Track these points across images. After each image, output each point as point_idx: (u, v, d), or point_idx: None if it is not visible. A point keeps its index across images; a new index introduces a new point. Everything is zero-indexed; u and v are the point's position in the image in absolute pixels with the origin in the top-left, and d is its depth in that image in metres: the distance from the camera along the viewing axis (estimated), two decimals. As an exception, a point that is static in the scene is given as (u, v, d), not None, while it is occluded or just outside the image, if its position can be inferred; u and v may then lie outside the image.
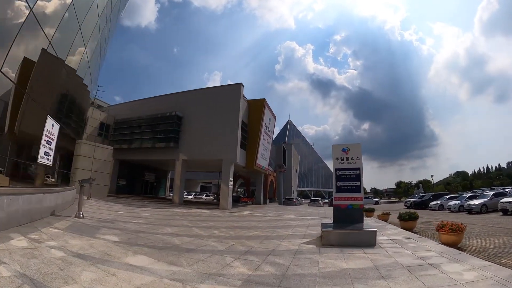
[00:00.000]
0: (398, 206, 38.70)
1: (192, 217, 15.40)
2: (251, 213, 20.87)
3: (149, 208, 19.72)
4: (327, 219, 17.62)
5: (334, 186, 11.05)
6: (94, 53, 16.20)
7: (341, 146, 11.56)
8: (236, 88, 28.76)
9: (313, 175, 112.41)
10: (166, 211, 18.09)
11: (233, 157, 26.52)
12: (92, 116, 33.94)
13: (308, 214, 22.74)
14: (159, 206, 22.30)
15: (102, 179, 26.40)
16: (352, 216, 10.41)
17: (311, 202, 43.57)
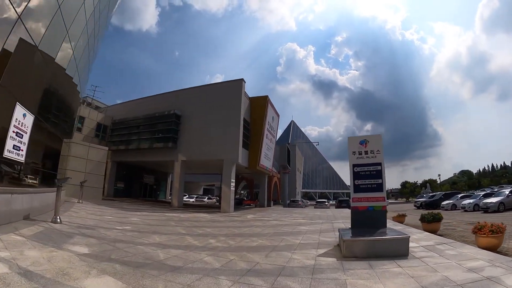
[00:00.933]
0: (407, 206, 37.24)
1: (189, 223, 13.77)
2: (255, 217, 19.24)
3: (144, 212, 18.14)
4: (338, 222, 16.05)
5: (351, 185, 9.60)
6: (83, 52, 16.04)
7: (358, 138, 10.04)
8: (237, 84, 27.18)
9: (317, 176, 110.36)
10: (162, 216, 16.50)
11: (235, 157, 24.93)
12: (89, 117, 32.92)
13: (317, 217, 21.07)
14: (155, 210, 20.72)
15: (97, 181, 25.07)
16: (373, 220, 9.07)
17: (317, 204, 41.77)
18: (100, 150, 26.74)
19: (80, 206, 17.13)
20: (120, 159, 33.40)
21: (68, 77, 15.35)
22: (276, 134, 38.13)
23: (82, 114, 31.86)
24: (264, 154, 31.63)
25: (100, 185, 25.82)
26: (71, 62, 13.95)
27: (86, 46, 16.46)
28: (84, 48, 16.12)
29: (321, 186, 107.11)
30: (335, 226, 13.75)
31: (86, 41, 15.95)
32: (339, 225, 14.31)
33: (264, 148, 31.05)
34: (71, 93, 17.83)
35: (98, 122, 34.13)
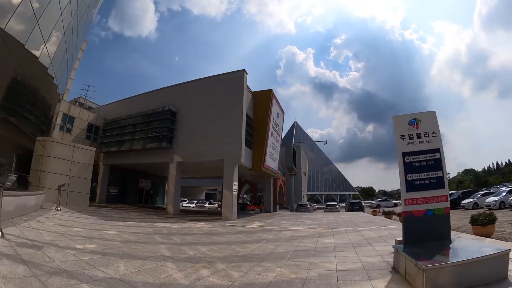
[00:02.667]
0: None
1: (179, 237, 10.75)
2: (262, 226, 16.24)
3: (130, 222, 15.12)
4: (365, 230, 13.28)
5: (402, 181, 7.12)
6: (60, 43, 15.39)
7: (406, 118, 7.55)
8: (239, 76, 24.25)
9: (321, 178, 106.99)
10: (149, 227, 13.50)
11: (237, 156, 21.95)
12: (79, 117, 30.29)
13: (334, 223, 18.11)
14: (145, 219, 17.73)
15: (83, 185, 22.45)
16: (433, 228, 6.71)
17: (327, 208, 38.62)
18: (87, 151, 23.95)
19: (55, 214, 14.28)
20: (113, 162, 30.69)
21: (43, 68, 14.24)
22: (281, 132, 35.17)
23: (72, 114, 29.51)
24: (269, 154, 28.66)
25: (86, 190, 23.02)
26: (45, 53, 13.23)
27: (63, 39, 15.68)
28: (61, 41, 15.41)
29: (326, 188, 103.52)
30: (365, 236, 11.14)
31: (63, 34, 15.21)
32: (369, 235, 11.81)
33: (269, 147, 28.09)
34: (46, 86, 16.71)
35: (90, 123, 31.50)
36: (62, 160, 21.40)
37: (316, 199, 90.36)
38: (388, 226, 15.54)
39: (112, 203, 30.21)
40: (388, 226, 15.54)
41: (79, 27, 19.65)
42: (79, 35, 21.29)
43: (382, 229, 13.90)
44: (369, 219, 20.90)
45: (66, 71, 21.93)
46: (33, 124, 17.06)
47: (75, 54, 23.94)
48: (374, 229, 14.27)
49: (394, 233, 12.28)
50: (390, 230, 13.20)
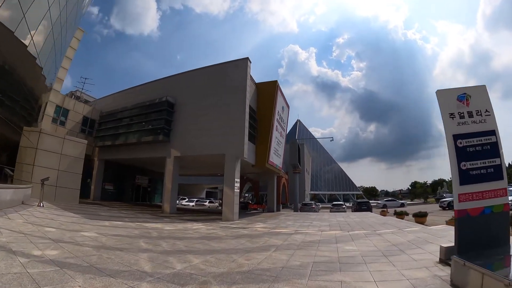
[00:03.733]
0: (431, 207, 32.89)
1: (169, 243, 8.89)
2: (267, 228, 14.39)
3: (117, 221, 13.30)
4: (386, 233, 11.49)
5: (454, 171, 5.91)
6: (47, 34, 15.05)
7: (453, 92, 6.27)
8: (242, 64, 22.34)
9: (324, 177, 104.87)
10: (137, 228, 11.68)
11: (239, 151, 20.07)
12: (74, 110, 28.69)
13: (346, 225, 16.27)
14: (137, 218, 15.93)
15: (72, 180, 20.88)
16: (492, 231, 5.64)
17: (333, 207, 36.69)
18: (78, 143, 22.45)
19: (34, 211, 12.63)
20: (108, 157, 29.05)
21: (31, 58, 13.81)
22: (286, 128, 33.31)
23: (66, 107, 27.89)
24: (274, 150, 26.81)
25: (77, 186, 21.39)
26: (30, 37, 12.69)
27: (51, 27, 15.05)
28: (49, 32, 15.06)
29: (329, 187, 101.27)
30: (392, 241, 9.55)
31: (51, 22, 14.65)
32: (394, 239, 10.15)
33: (273, 142, 26.24)
34: (31, 72, 15.85)
35: (85, 116, 29.92)
36: (50, 153, 19.91)
37: (319, 199, 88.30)
38: (410, 228, 13.72)
39: (107, 200, 28.63)
40: (410, 228, 13.72)
41: (70, 14, 18.48)
42: (70, 22, 19.99)
43: (405, 232, 12.09)
44: (383, 220, 19.07)
45: (54, 57, 20.36)
46: (16, 113, 15.70)
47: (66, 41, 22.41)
48: (396, 231, 12.46)
49: (421, 236, 10.55)
50: (415, 233, 11.37)
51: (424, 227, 13.94)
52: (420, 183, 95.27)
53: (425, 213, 17.86)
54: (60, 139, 21.03)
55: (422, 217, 17.40)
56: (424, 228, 13.42)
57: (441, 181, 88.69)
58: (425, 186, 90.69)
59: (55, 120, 26.48)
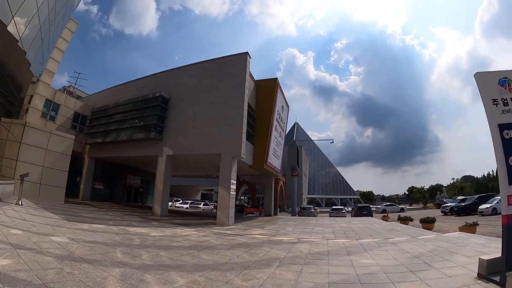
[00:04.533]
0: (432, 212, 31.36)
1: (152, 254, 7.48)
2: (266, 235, 13.02)
3: (99, 224, 11.85)
4: (400, 241, 10.12)
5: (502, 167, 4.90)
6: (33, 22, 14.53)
7: (494, 75, 5.31)
8: (241, 59, 21.03)
9: (321, 181, 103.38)
10: (119, 233, 10.29)
11: (237, 150, 18.71)
12: (65, 105, 27.24)
13: (350, 231, 14.99)
14: (123, 221, 14.54)
15: (58, 178, 19.49)
16: None
17: (333, 212, 35.24)
18: (65, 139, 20.99)
19: (8, 209, 11.32)
20: (99, 154, 27.67)
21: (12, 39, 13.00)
22: (285, 128, 32.01)
23: (57, 101, 26.45)
24: (273, 151, 25.49)
25: (62, 184, 19.94)
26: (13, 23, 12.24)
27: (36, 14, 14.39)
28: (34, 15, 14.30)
29: (326, 191, 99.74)
30: (411, 252, 8.48)
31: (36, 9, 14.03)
32: (412, 249, 9.14)
33: (272, 142, 24.93)
34: (14, 58, 15.20)
35: (76, 112, 28.55)
36: (35, 148, 18.53)
37: (316, 203, 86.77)
38: (423, 235, 12.51)
39: (97, 201, 27.18)
40: (423, 235, 12.51)
41: (58, 3, 17.79)
42: (59, 10, 19.17)
43: (420, 240, 10.90)
44: (388, 227, 17.86)
45: (41, 44, 19.08)
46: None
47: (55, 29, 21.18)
48: (410, 240, 11.21)
49: (441, 246, 9.41)
50: (433, 242, 10.16)
51: (439, 235, 12.70)
52: (417, 188, 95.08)
53: (433, 219, 16.81)
54: (46, 133, 19.64)
55: (430, 223, 16.37)
56: (439, 236, 12.18)
57: (439, 186, 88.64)
58: (422, 191, 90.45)
59: (45, 115, 25.18)
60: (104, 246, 7.79)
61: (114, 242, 8.54)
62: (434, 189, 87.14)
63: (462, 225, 13.83)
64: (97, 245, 7.77)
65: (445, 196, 66.03)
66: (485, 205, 23.93)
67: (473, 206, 25.60)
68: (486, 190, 65.25)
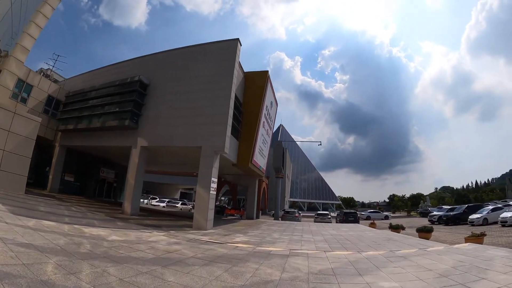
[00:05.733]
0: (417, 221, 30.79)
1: (95, 269, 5.39)
2: (251, 244, 11.02)
3: (49, 221, 9.51)
4: (409, 254, 8.47)
5: None
6: None
7: None
8: (231, 46, 19.00)
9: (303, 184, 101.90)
10: (69, 233, 8.14)
11: (220, 144, 16.58)
12: (39, 87, 24.52)
13: (344, 240, 13.24)
14: (83, 218, 12.28)
15: (19, 165, 17.25)
16: None
17: (318, 217, 33.47)
18: (30, 121, 18.64)
19: None
20: (71, 143, 25.22)
21: None
22: (273, 126, 30.14)
23: (30, 82, 23.75)
24: (259, 149, 23.58)
25: (24, 172, 17.67)
26: None
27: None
28: None
29: (308, 195, 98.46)
30: (430, 268, 6.85)
31: None
32: (430, 264, 7.63)
33: (259, 140, 23.03)
34: None
35: (50, 95, 25.87)
36: None
37: (299, 207, 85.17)
38: (432, 247, 10.95)
39: (66, 194, 24.74)
40: (432, 247, 10.95)
41: None
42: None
43: (432, 253, 9.39)
44: (383, 235, 16.44)
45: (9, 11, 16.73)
46: None
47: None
48: (421, 253, 9.67)
49: (462, 260, 8.01)
50: (449, 255, 8.69)
51: (448, 246, 11.16)
52: (399, 196, 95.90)
53: (431, 228, 15.70)
54: (9, 113, 17.24)
55: (427, 233, 15.25)
56: (450, 248, 10.62)
57: (419, 195, 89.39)
58: (403, 200, 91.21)
59: (15, 96, 22.51)
60: (38, 253, 5.69)
61: (55, 247, 6.42)
62: (415, 198, 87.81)
63: (458, 235, 13.57)
64: (29, 250, 5.69)
65: (428, 205, 65.77)
66: (476, 215, 23.42)
67: (463, 216, 25.22)
68: (468, 201, 65.69)
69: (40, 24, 22.77)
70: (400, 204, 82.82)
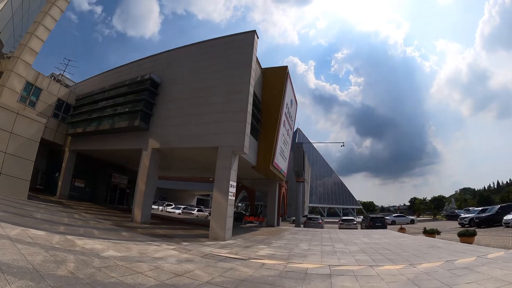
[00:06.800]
0: (445, 224, 29.38)
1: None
2: (278, 258, 9.19)
3: (40, 231, 7.89)
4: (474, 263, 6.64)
5: None
6: None
7: None
8: (247, 38, 17.38)
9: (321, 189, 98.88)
10: (55, 246, 6.49)
11: (239, 143, 14.83)
12: (48, 90, 23.76)
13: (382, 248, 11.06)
14: (84, 227, 10.70)
15: (22, 168, 16.21)
16: None
17: (343, 223, 31.21)
18: (34, 122, 17.62)
19: None
20: (81, 147, 24.12)
21: None
22: (293, 126, 28.26)
23: (39, 85, 23.01)
24: (280, 150, 21.73)
25: (27, 176, 16.59)
26: None
27: None
28: None
29: (328, 200, 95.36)
30: None
31: None
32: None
33: (280, 140, 21.19)
34: None
35: (60, 99, 25.05)
36: None
37: (319, 212, 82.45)
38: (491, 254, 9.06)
39: (75, 200, 23.62)
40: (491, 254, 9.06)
41: None
42: None
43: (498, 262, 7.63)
44: (422, 241, 14.50)
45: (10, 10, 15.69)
46: None
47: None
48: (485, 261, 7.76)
49: None
50: None
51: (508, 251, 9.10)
52: (420, 199, 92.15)
53: (473, 231, 14.06)
54: (12, 113, 16.26)
55: (470, 237, 13.83)
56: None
57: (440, 198, 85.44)
58: (425, 203, 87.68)
59: (24, 99, 21.75)
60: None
61: (26, 266, 4.79)
62: (437, 200, 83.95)
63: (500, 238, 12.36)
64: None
65: (453, 207, 62.28)
66: (511, 215, 21.83)
67: (496, 217, 23.51)
68: (492, 202, 61.98)
69: (48, 27, 21.86)
70: (423, 208, 79.17)
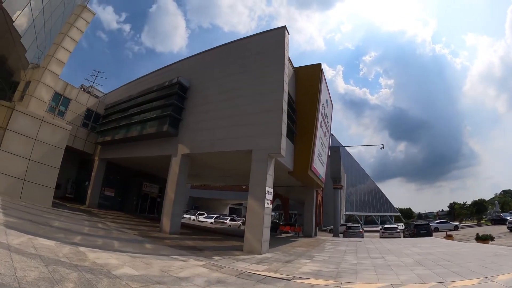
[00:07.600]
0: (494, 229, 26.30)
1: None
2: (325, 276, 7.65)
3: (49, 241, 6.71)
4: None
5: None
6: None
7: None
8: (278, 35, 15.97)
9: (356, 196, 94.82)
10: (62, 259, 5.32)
11: (275, 145, 13.36)
12: (77, 100, 24.12)
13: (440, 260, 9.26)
14: (103, 237, 9.67)
15: (46, 176, 15.84)
16: None
17: (385, 232, 29.02)
18: (59, 129, 17.26)
19: None
20: (110, 155, 23.87)
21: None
22: (330, 127, 26.54)
23: (68, 96, 23.42)
24: (317, 154, 20.13)
25: (51, 183, 16.19)
26: None
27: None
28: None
29: (364, 207, 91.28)
30: None
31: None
32: None
33: (317, 143, 19.61)
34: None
35: (89, 108, 25.39)
36: (21, 136, 14.96)
37: (355, 220, 79.02)
38: None
39: (105, 209, 23.45)
40: None
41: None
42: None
43: None
44: (481, 249, 13.36)
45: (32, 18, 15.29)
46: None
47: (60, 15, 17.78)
48: None
49: None
50: None
51: None
52: (459, 204, 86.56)
53: None
54: (36, 120, 15.89)
55: None
56: None
57: (481, 201, 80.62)
58: (465, 207, 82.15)
59: (53, 109, 22.09)
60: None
61: (11, 285, 3.65)
62: (477, 205, 78.35)
63: None
64: None
65: (497, 210, 57.44)
66: None
67: None
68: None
69: (75, 38, 21.87)
70: (464, 212, 73.99)
